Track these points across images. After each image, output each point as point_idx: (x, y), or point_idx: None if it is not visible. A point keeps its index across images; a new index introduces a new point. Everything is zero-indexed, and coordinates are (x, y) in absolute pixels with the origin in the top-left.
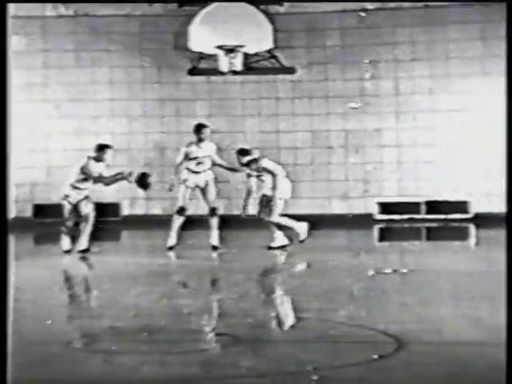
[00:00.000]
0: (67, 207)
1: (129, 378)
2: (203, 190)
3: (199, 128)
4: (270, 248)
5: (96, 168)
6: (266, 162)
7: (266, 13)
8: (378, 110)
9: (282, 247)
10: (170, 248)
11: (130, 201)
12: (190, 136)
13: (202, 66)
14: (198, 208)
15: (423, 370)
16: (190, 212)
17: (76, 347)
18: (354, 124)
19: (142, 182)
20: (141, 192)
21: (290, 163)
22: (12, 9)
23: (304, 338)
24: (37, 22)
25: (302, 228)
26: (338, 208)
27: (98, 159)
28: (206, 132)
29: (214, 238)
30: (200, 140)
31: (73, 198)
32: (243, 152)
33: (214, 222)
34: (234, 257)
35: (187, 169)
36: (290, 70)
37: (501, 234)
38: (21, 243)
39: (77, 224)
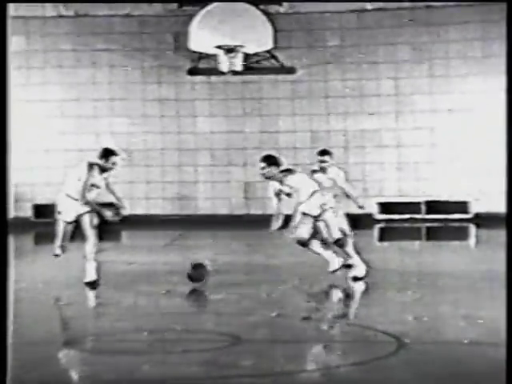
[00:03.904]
0: None
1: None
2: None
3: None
4: None
5: None
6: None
7: (266, 13)
8: (378, 110)
9: None
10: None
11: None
12: (189, 135)
13: (201, 66)
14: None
15: (423, 369)
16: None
17: (76, 347)
18: (353, 124)
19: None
20: (140, 192)
21: (289, 163)
22: (12, 9)
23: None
24: (37, 22)
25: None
26: None
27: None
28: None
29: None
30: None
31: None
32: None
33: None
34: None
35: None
36: (290, 70)
37: (501, 234)
38: (21, 243)
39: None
